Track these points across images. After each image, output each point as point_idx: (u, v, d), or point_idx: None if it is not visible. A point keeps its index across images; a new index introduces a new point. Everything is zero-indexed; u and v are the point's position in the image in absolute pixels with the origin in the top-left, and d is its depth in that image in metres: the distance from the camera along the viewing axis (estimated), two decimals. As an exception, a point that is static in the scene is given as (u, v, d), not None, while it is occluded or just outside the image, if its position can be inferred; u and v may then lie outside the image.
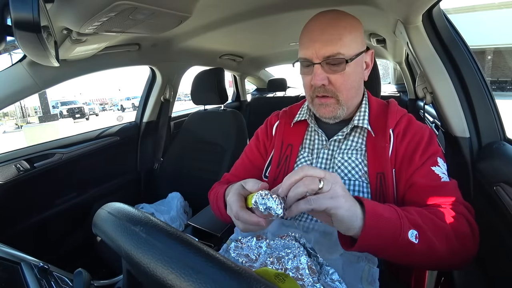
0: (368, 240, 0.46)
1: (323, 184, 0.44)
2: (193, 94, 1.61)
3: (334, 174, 0.47)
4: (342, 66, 0.61)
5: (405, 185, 0.61)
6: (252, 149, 0.84)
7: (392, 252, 0.48)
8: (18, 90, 1.06)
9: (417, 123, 0.68)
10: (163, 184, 1.71)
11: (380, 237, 0.46)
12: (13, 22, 0.52)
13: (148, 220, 0.34)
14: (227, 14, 1.22)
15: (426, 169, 0.60)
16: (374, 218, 0.46)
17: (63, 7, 0.76)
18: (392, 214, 0.48)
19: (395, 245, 0.47)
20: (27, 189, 1.24)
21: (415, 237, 0.47)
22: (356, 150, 0.68)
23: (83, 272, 0.47)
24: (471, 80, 0.84)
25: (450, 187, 0.60)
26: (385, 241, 0.47)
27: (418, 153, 0.62)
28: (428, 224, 0.50)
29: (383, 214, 0.47)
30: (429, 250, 0.48)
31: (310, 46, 0.62)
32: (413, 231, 0.47)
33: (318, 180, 0.44)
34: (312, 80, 0.63)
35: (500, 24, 11.98)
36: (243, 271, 0.26)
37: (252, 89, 3.58)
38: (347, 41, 0.60)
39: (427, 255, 0.49)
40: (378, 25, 1.38)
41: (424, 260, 0.51)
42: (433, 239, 0.49)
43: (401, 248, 0.47)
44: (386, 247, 0.47)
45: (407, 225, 0.47)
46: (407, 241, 0.47)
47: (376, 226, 0.46)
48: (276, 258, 0.49)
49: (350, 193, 0.48)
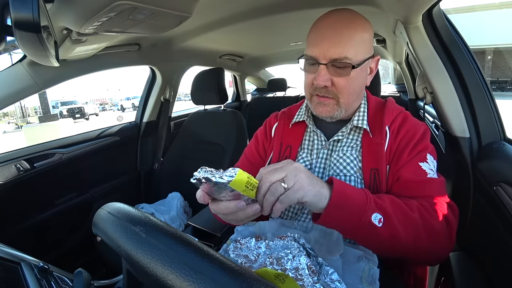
0: (331, 216, 0.49)
1: (286, 184, 0.48)
2: (193, 94, 1.61)
3: (295, 165, 0.50)
4: (348, 70, 0.60)
5: (393, 179, 0.62)
6: (251, 150, 0.84)
7: (356, 233, 0.51)
8: (18, 90, 1.07)
9: (413, 120, 0.68)
10: (163, 184, 1.71)
11: (343, 216, 0.49)
12: (13, 22, 0.52)
13: (148, 220, 0.34)
14: (227, 14, 1.22)
15: (413, 164, 0.61)
16: (339, 198, 0.49)
17: (63, 7, 0.76)
18: (360, 196, 0.51)
19: (357, 225, 0.49)
20: (27, 189, 1.24)
21: (378, 221, 0.49)
22: (351, 147, 0.68)
23: (83, 272, 0.47)
24: (471, 80, 0.84)
25: (435, 184, 0.60)
26: (347, 220, 0.50)
27: (408, 148, 0.62)
28: (397, 213, 0.51)
29: (350, 194, 0.50)
30: (392, 237, 0.50)
31: (318, 44, 0.61)
32: (377, 215, 0.50)
33: (280, 183, 0.47)
34: (315, 79, 0.63)
35: (500, 24, 11.97)
36: (243, 271, 0.26)
37: (252, 89, 3.58)
38: (356, 44, 0.60)
39: (390, 241, 0.51)
40: (378, 25, 1.38)
41: (388, 247, 0.53)
42: (397, 227, 0.50)
43: (363, 229, 0.50)
44: (349, 226, 0.50)
45: (372, 207, 0.50)
46: (369, 223, 0.49)
47: (340, 205, 0.49)
48: (275, 258, 0.49)
49: (315, 175, 0.52)
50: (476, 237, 0.81)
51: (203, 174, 0.44)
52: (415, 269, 0.68)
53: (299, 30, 1.54)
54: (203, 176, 0.44)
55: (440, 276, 0.88)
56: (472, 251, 0.81)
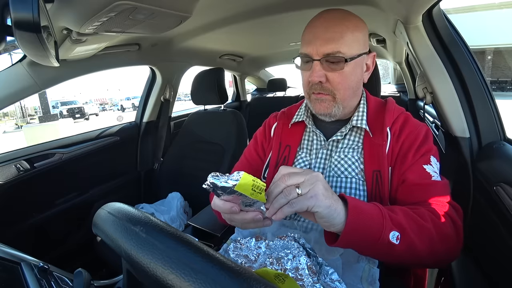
0: (349, 237, 0.47)
1: (301, 189, 0.46)
2: (193, 94, 1.61)
3: (315, 174, 0.48)
4: (341, 64, 0.61)
5: (397, 182, 0.62)
6: (250, 151, 0.85)
7: (372, 251, 0.50)
8: (18, 90, 1.06)
9: (414, 121, 0.68)
10: (163, 184, 1.71)
11: (362, 236, 0.47)
12: (13, 22, 0.52)
13: (148, 220, 0.34)
14: (227, 14, 1.22)
15: (417, 167, 0.61)
16: (356, 216, 0.47)
17: (63, 7, 0.76)
18: (375, 213, 0.49)
19: (375, 245, 0.48)
20: (27, 189, 1.24)
21: (396, 239, 0.48)
22: (352, 149, 0.68)
23: (83, 272, 0.47)
24: (471, 80, 0.84)
25: (440, 187, 0.60)
26: (366, 240, 0.48)
27: (412, 151, 0.62)
28: (412, 225, 0.51)
29: (366, 212, 0.48)
30: (410, 251, 0.50)
31: (311, 42, 0.62)
32: (394, 233, 0.48)
33: (295, 187, 0.46)
34: (310, 76, 0.64)
35: (500, 24, 11.97)
36: (243, 271, 0.26)
37: (252, 89, 3.58)
38: (349, 40, 0.60)
39: (407, 256, 0.50)
40: (378, 25, 1.38)
41: (404, 260, 0.52)
42: (414, 240, 0.50)
43: (382, 249, 0.48)
44: (367, 246, 0.49)
45: (389, 226, 0.48)
46: (387, 242, 0.48)
47: (358, 224, 0.47)
48: (275, 258, 0.49)
49: (333, 191, 0.49)
50: (476, 237, 0.81)
51: (210, 179, 0.44)
52: (415, 269, 0.68)
53: (299, 30, 1.52)
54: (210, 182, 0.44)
55: (440, 276, 0.88)
56: (472, 251, 0.81)
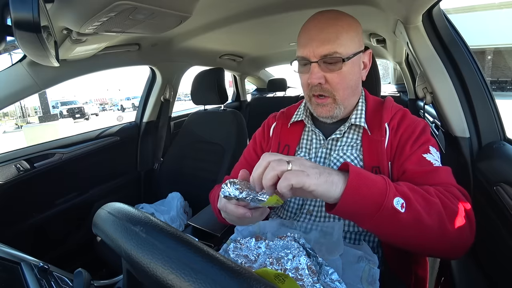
0: (349, 203, 0.45)
1: (291, 165, 0.44)
2: (193, 94, 1.61)
3: (300, 158, 0.48)
4: (339, 65, 0.61)
5: (398, 174, 0.61)
6: (250, 151, 0.85)
7: (375, 220, 0.46)
8: (18, 90, 1.06)
9: (412, 117, 0.68)
10: (163, 184, 1.71)
11: (363, 201, 0.45)
12: (13, 22, 0.52)
13: (148, 220, 0.34)
14: (227, 14, 1.22)
15: (417, 156, 0.60)
16: (357, 180, 0.45)
17: (63, 7, 0.76)
18: (379, 179, 0.47)
19: (379, 212, 0.45)
20: (27, 189, 1.24)
21: (401, 206, 0.45)
22: (351, 146, 0.68)
23: (83, 272, 0.47)
24: (471, 80, 0.84)
25: (443, 172, 0.59)
26: (368, 205, 0.45)
27: (409, 142, 0.62)
28: (417, 198, 0.48)
29: (368, 177, 0.46)
30: (417, 221, 0.46)
31: (307, 44, 0.62)
32: (399, 199, 0.46)
33: (285, 162, 0.44)
34: (309, 79, 0.64)
35: (500, 24, 11.96)
36: (243, 271, 0.26)
37: (252, 89, 3.58)
38: (344, 40, 0.61)
39: (415, 227, 0.47)
40: (378, 25, 1.38)
41: (414, 235, 0.48)
42: (420, 211, 0.47)
43: (386, 216, 0.45)
44: (369, 213, 0.46)
45: (393, 192, 0.46)
46: (391, 208, 0.45)
47: (358, 188, 0.45)
48: (275, 258, 0.49)
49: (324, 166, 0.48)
50: (476, 237, 0.80)
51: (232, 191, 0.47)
52: (416, 269, 0.68)
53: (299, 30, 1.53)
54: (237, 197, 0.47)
55: (440, 276, 0.88)
56: (472, 251, 0.81)
